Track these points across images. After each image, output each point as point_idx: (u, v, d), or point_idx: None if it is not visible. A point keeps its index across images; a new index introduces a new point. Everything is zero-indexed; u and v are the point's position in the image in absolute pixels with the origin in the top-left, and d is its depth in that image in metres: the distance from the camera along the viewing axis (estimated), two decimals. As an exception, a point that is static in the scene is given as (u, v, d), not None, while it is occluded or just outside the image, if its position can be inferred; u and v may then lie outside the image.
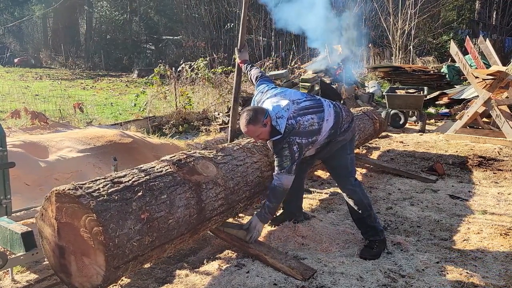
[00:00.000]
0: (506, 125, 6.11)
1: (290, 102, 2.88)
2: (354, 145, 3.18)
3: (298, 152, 2.81)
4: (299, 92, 3.08)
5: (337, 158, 3.06)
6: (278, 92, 3.03)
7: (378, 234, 2.97)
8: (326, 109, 2.96)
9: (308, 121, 2.84)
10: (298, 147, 2.80)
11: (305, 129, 2.82)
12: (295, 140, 2.79)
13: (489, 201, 3.97)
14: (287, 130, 2.79)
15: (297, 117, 2.83)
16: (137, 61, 21.17)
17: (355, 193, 3.02)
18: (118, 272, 2.03)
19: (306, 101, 2.95)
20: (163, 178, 2.35)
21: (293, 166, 2.83)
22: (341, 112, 3.04)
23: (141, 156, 4.53)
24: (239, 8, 18.03)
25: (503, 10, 18.02)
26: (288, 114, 2.82)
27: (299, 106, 2.90)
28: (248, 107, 2.92)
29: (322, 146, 3.01)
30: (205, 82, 8.52)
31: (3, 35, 27.73)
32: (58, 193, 2.02)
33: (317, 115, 2.89)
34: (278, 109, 2.83)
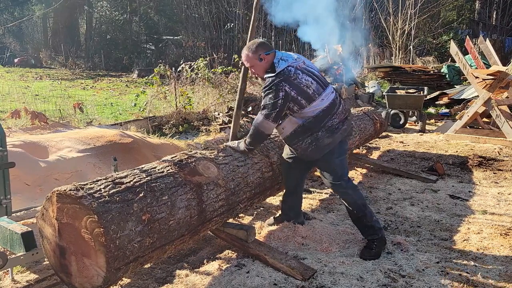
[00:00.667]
0: (506, 125, 6.12)
1: (303, 60, 2.91)
2: (346, 148, 3.07)
3: (282, 100, 2.77)
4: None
5: (325, 162, 2.99)
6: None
7: (376, 232, 2.95)
8: (328, 90, 2.94)
9: (307, 81, 2.83)
10: (284, 94, 2.76)
11: (299, 84, 2.80)
12: (284, 87, 2.76)
13: (489, 201, 3.97)
14: (281, 73, 2.78)
15: (298, 71, 2.82)
16: (137, 61, 21.17)
17: (348, 195, 2.98)
18: (119, 273, 2.03)
19: (317, 72, 2.96)
20: (164, 179, 2.35)
21: (273, 113, 2.80)
22: (338, 104, 2.98)
23: (141, 156, 4.53)
24: (239, 8, 18.03)
25: (503, 10, 18.04)
26: (292, 62, 2.83)
27: (308, 68, 2.90)
28: (260, 40, 2.97)
29: (310, 147, 2.90)
30: (205, 82, 8.52)
31: (3, 35, 27.73)
32: (60, 193, 2.02)
33: (317, 85, 2.87)
34: (288, 55, 2.89)
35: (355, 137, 4.81)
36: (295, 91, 2.79)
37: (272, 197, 3.81)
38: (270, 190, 3.25)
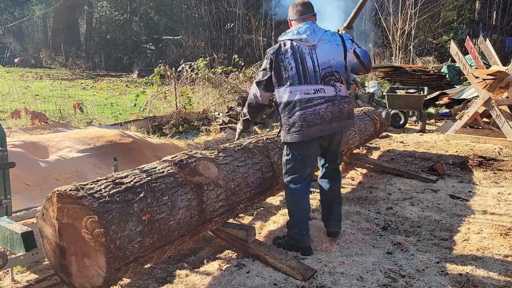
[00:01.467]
0: (506, 125, 6.12)
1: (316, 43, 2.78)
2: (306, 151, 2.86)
3: (267, 61, 2.85)
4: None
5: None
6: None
7: (288, 235, 2.96)
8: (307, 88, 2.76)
9: (289, 64, 2.76)
10: (269, 63, 2.83)
11: (280, 61, 2.78)
12: (271, 57, 2.82)
13: (489, 201, 3.97)
14: (278, 43, 2.84)
15: (291, 49, 2.77)
16: (137, 61, 21.18)
17: (284, 190, 3.02)
18: (119, 273, 2.03)
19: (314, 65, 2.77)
20: (165, 179, 2.35)
21: (263, 81, 2.88)
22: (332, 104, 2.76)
23: (141, 156, 4.53)
24: (239, 8, 18.03)
25: (503, 10, 18.04)
26: (296, 37, 2.78)
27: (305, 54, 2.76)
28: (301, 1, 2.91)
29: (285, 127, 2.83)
30: (205, 82, 8.52)
31: (3, 35, 27.73)
32: (60, 193, 2.02)
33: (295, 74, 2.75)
34: (306, 29, 2.80)
35: (355, 137, 4.81)
36: (275, 65, 2.80)
37: (272, 197, 3.81)
38: (270, 190, 3.25)
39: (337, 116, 2.80)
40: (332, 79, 2.79)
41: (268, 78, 2.86)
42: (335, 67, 2.80)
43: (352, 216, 3.60)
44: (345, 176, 4.84)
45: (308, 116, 2.75)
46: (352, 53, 2.88)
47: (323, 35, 2.83)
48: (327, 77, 2.78)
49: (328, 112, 2.77)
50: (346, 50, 2.86)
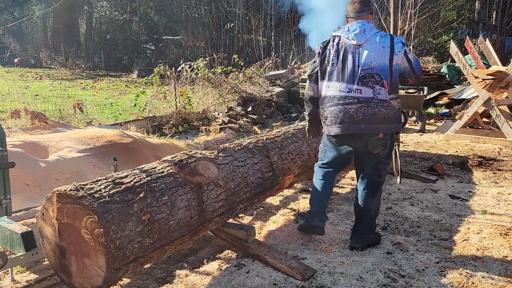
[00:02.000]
0: (506, 125, 6.12)
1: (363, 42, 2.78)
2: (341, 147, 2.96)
3: (316, 55, 2.94)
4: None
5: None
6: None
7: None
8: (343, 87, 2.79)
9: (332, 60, 2.83)
10: (319, 52, 2.92)
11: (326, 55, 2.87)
12: (318, 49, 2.94)
13: (489, 201, 3.97)
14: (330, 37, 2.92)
15: (336, 45, 2.84)
16: (137, 61, 21.19)
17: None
18: (119, 273, 2.03)
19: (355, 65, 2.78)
20: (165, 179, 2.35)
21: (310, 68, 3.00)
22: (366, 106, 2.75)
23: (141, 156, 4.53)
24: (239, 8, 18.03)
25: (503, 10, 18.04)
26: (345, 34, 2.82)
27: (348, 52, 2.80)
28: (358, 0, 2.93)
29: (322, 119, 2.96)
30: (205, 82, 8.53)
31: (3, 35, 27.74)
32: (60, 193, 2.02)
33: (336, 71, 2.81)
34: (356, 27, 2.82)
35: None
36: (321, 58, 2.89)
37: (272, 197, 3.81)
38: (270, 190, 3.25)
39: (368, 118, 2.75)
40: (371, 81, 2.74)
41: (317, 71, 2.93)
42: (377, 70, 2.75)
43: (352, 216, 3.59)
44: (345, 176, 4.84)
45: (338, 113, 2.80)
46: (400, 57, 2.80)
47: (372, 36, 2.80)
48: (366, 78, 2.75)
49: (360, 112, 2.76)
50: (393, 53, 2.77)
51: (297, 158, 3.55)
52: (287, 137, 3.64)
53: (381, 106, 2.76)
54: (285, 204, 3.89)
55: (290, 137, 3.66)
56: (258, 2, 18.29)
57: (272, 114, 8.08)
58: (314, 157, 3.84)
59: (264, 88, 9.27)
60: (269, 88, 9.28)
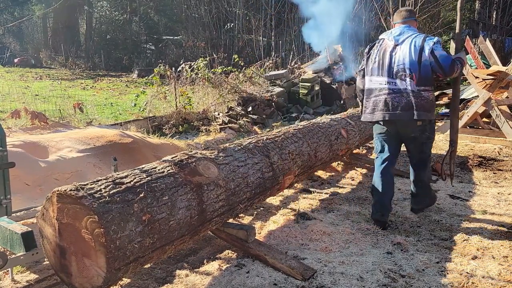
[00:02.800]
0: (506, 125, 6.12)
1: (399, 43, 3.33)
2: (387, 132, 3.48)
3: (365, 55, 3.54)
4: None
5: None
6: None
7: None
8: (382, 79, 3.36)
9: (374, 58, 3.41)
10: (366, 52, 3.53)
11: (371, 54, 3.47)
12: (367, 48, 3.55)
13: (489, 201, 3.97)
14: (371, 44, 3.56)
15: (380, 46, 3.43)
16: (137, 61, 21.20)
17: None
18: (119, 273, 2.03)
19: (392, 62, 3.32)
20: (165, 179, 2.34)
21: (361, 71, 3.56)
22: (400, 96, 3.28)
23: (141, 156, 4.53)
24: (239, 8, 18.03)
25: (503, 10, 18.04)
26: (388, 37, 3.42)
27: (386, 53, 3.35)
28: (404, 8, 3.61)
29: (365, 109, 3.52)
30: (205, 82, 8.53)
31: (3, 35, 27.75)
32: (60, 193, 2.02)
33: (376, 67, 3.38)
34: (398, 31, 3.39)
35: (355, 137, 4.81)
36: (367, 57, 3.50)
37: (272, 197, 3.81)
38: (270, 190, 3.25)
39: (403, 106, 3.27)
40: (403, 74, 3.26)
41: (364, 68, 3.53)
42: (408, 65, 3.24)
43: (352, 216, 3.60)
44: (345, 176, 4.84)
45: (378, 102, 3.37)
46: (427, 54, 3.21)
47: (408, 37, 3.32)
48: (399, 73, 3.28)
49: (395, 101, 3.29)
50: (422, 51, 3.22)
51: (297, 158, 3.55)
52: (287, 137, 3.64)
53: (412, 96, 3.25)
54: (285, 204, 3.89)
55: (290, 137, 3.66)
56: (258, 2, 18.29)
57: (272, 114, 8.08)
58: (314, 157, 3.85)
59: (264, 88, 9.27)
60: (269, 88, 9.28)
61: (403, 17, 3.46)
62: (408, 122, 3.30)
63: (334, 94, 9.38)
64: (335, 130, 4.41)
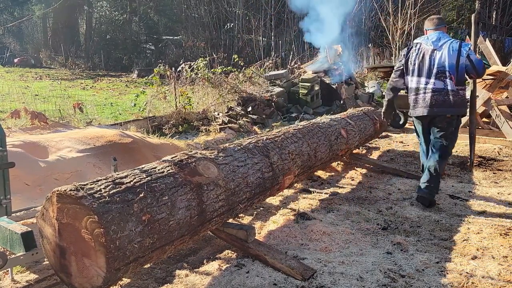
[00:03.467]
0: (506, 125, 6.11)
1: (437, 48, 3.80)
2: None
3: (402, 56, 4.02)
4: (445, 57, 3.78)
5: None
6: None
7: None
8: (423, 80, 3.83)
9: (414, 60, 3.87)
10: (404, 54, 3.99)
11: (410, 57, 3.91)
12: (403, 52, 4.03)
13: (489, 201, 3.97)
14: (412, 43, 3.98)
15: (418, 49, 3.88)
16: (137, 61, 21.20)
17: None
18: (119, 273, 2.03)
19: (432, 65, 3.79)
20: (165, 179, 2.34)
21: (397, 70, 4.03)
22: (424, 94, 3.82)
23: (141, 156, 4.53)
24: (239, 8, 18.03)
25: (503, 10, 18.06)
26: (424, 42, 3.88)
27: (425, 55, 3.82)
28: (435, 17, 4.07)
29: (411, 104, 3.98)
30: (205, 82, 8.53)
31: (3, 35, 27.74)
32: (60, 193, 2.02)
33: (417, 69, 3.85)
34: (434, 36, 3.86)
35: (355, 137, 4.81)
36: (406, 59, 3.94)
37: (272, 197, 3.81)
38: (270, 190, 3.25)
39: (440, 103, 3.75)
40: (443, 76, 3.74)
41: (401, 68, 3.99)
42: (447, 67, 3.72)
43: (352, 216, 3.60)
44: (345, 176, 4.84)
45: (419, 100, 3.86)
46: (465, 58, 3.70)
47: (445, 43, 3.79)
48: (439, 74, 3.75)
49: (433, 99, 3.77)
50: (460, 55, 3.71)
51: (297, 158, 3.55)
52: (287, 137, 3.64)
53: (450, 94, 3.74)
54: (285, 204, 3.89)
55: (290, 137, 3.66)
56: (258, 2, 18.30)
57: (272, 114, 8.08)
58: (314, 157, 3.85)
59: (264, 88, 9.27)
60: (269, 88, 9.28)
61: (436, 24, 3.91)
62: (442, 116, 3.80)
63: (334, 94, 9.38)
64: (335, 130, 4.41)
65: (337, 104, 9.21)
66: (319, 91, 9.32)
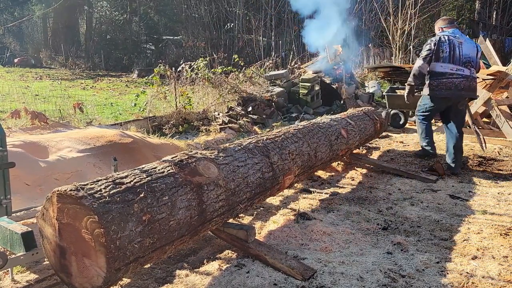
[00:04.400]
0: (506, 125, 6.12)
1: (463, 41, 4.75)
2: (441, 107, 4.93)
3: (431, 45, 4.70)
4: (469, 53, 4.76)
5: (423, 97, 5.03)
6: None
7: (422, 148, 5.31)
8: (452, 66, 4.66)
9: (445, 49, 4.66)
10: (430, 46, 4.70)
11: (439, 46, 4.67)
12: (432, 43, 4.71)
13: (489, 201, 3.97)
14: (438, 37, 4.76)
15: (447, 41, 4.68)
16: (137, 61, 21.20)
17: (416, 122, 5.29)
18: (119, 273, 2.03)
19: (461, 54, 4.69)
20: (165, 179, 2.34)
21: (427, 56, 4.70)
22: (453, 79, 4.68)
23: (141, 156, 4.53)
24: (239, 8, 18.04)
25: (503, 10, 18.06)
26: (451, 35, 4.74)
27: (456, 46, 4.69)
28: (448, 17, 5.08)
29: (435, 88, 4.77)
30: (205, 82, 8.52)
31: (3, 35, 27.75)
32: (60, 193, 2.02)
33: (447, 56, 4.66)
34: (455, 33, 4.77)
35: (355, 137, 4.81)
36: (435, 48, 4.68)
37: (272, 197, 3.81)
38: (270, 191, 3.25)
39: (466, 88, 4.68)
40: (469, 65, 4.69)
41: (430, 56, 4.70)
42: (471, 59, 4.71)
43: (352, 216, 3.60)
44: (345, 176, 4.84)
45: (448, 84, 4.67)
46: (480, 53, 4.85)
47: (466, 38, 4.80)
48: (466, 63, 4.67)
49: (462, 84, 4.65)
50: (478, 51, 4.83)
51: (297, 158, 3.55)
52: (287, 137, 3.64)
53: (473, 81, 4.75)
54: (285, 204, 3.89)
55: (291, 137, 3.66)
56: (258, 2, 18.30)
57: (272, 114, 8.08)
58: (314, 157, 3.85)
59: (264, 88, 9.27)
60: (269, 88, 9.28)
61: (450, 22, 4.86)
62: (464, 99, 4.73)
63: (334, 94, 9.38)
64: (335, 130, 4.41)
65: (337, 104, 9.21)
66: (319, 91, 9.32)
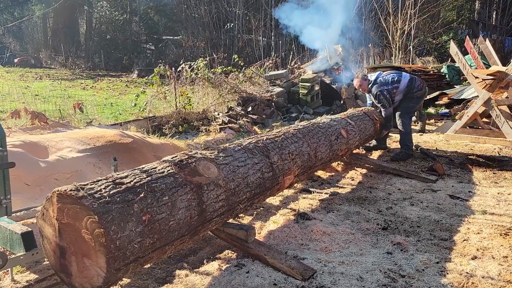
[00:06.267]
0: (506, 125, 6.12)
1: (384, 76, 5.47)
2: (420, 103, 6.00)
3: (388, 95, 5.31)
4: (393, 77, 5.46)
5: (405, 102, 5.50)
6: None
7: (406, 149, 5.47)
8: (403, 74, 5.45)
9: (390, 76, 5.36)
10: (387, 92, 5.32)
11: (388, 80, 5.33)
12: (384, 89, 5.32)
13: (489, 201, 3.97)
14: (377, 81, 5.37)
15: (384, 76, 5.39)
16: (137, 61, 21.19)
17: (401, 125, 5.49)
18: (119, 273, 2.03)
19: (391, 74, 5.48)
20: (165, 179, 2.34)
21: (387, 103, 5.36)
22: (414, 79, 5.44)
23: (141, 156, 4.53)
24: (239, 8, 18.04)
25: (503, 10, 18.05)
26: (379, 76, 5.46)
27: (386, 75, 5.42)
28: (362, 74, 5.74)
29: (404, 95, 5.40)
30: (205, 82, 8.52)
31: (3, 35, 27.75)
32: (60, 194, 2.02)
33: (396, 74, 5.42)
34: (378, 75, 5.50)
35: (355, 137, 4.81)
36: (390, 85, 5.34)
37: (272, 197, 3.81)
38: (270, 191, 3.26)
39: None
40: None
41: (389, 101, 5.49)
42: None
43: (352, 216, 3.60)
44: (345, 176, 4.84)
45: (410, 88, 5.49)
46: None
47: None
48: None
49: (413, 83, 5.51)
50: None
51: (297, 158, 3.55)
52: (287, 137, 3.64)
53: None
54: (285, 204, 3.89)
55: (290, 137, 3.66)
56: (258, 2, 18.29)
57: (272, 114, 8.08)
58: (314, 157, 3.85)
59: (264, 88, 9.27)
60: (269, 88, 9.28)
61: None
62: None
63: (334, 94, 9.38)
64: (335, 130, 4.41)
65: (337, 104, 9.21)
66: (319, 91, 9.32)
